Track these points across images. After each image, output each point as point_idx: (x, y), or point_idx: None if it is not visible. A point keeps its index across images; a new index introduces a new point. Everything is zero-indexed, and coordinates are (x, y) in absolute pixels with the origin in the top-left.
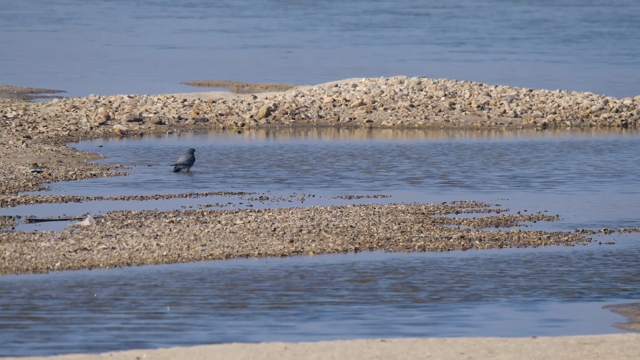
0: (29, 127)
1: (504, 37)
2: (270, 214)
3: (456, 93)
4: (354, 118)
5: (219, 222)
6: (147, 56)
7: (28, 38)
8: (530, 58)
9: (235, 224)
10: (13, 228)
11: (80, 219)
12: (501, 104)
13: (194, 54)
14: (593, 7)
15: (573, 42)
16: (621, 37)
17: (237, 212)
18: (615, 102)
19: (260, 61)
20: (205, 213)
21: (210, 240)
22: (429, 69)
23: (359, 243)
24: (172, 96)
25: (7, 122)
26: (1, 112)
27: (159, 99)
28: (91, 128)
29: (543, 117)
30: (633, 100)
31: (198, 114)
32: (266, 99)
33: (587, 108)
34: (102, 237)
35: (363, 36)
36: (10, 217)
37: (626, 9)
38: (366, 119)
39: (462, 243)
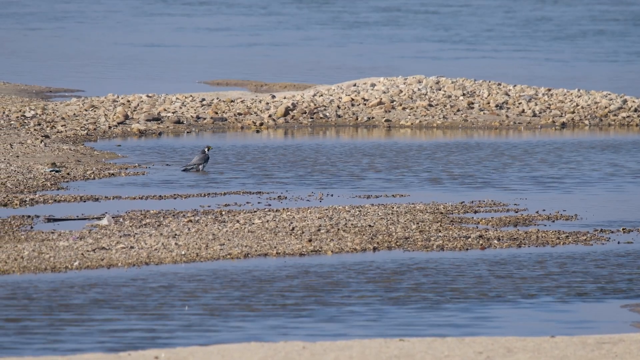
0: (47, 127)
1: (518, 35)
2: (289, 213)
3: (474, 92)
4: (372, 117)
5: (238, 221)
6: (164, 55)
7: (42, 37)
8: (546, 57)
9: (253, 224)
10: (32, 227)
11: (99, 218)
12: (520, 104)
13: (211, 52)
14: (603, 5)
15: (587, 40)
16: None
17: (255, 211)
18: (634, 102)
19: (277, 60)
20: (223, 212)
21: (228, 240)
22: (444, 68)
23: (378, 242)
24: (191, 95)
25: (25, 121)
26: (20, 111)
27: (177, 98)
28: (109, 127)
29: (562, 116)
30: None
31: (216, 113)
32: (285, 98)
33: (605, 107)
34: (120, 237)
35: (374, 35)
36: (29, 216)
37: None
38: (384, 119)
39: (481, 242)
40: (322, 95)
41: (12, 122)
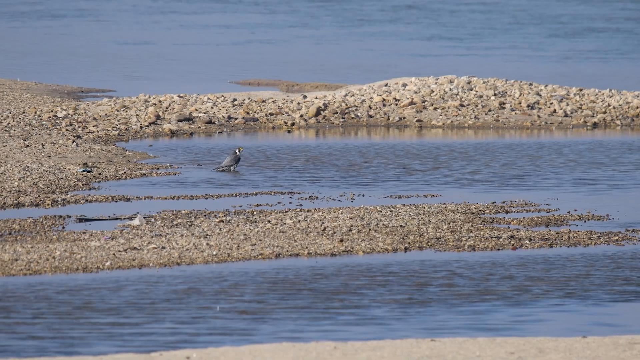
0: (79, 127)
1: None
2: (320, 213)
3: (506, 92)
4: (404, 117)
5: (269, 221)
6: (193, 55)
7: (73, 37)
8: (578, 56)
9: (285, 224)
10: (63, 227)
11: (130, 219)
12: (551, 104)
13: (239, 51)
14: (632, 3)
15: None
16: None
17: (286, 211)
18: None
19: (309, 60)
20: (255, 212)
21: (260, 240)
22: (476, 67)
23: (409, 242)
24: (222, 95)
25: (57, 121)
26: (52, 111)
27: (208, 98)
28: (141, 127)
29: (593, 116)
30: None
31: (248, 113)
32: (316, 98)
33: (637, 107)
34: (152, 237)
35: (398, 33)
36: (61, 216)
37: None
38: (416, 119)
39: (512, 243)
40: (353, 96)
41: (44, 122)
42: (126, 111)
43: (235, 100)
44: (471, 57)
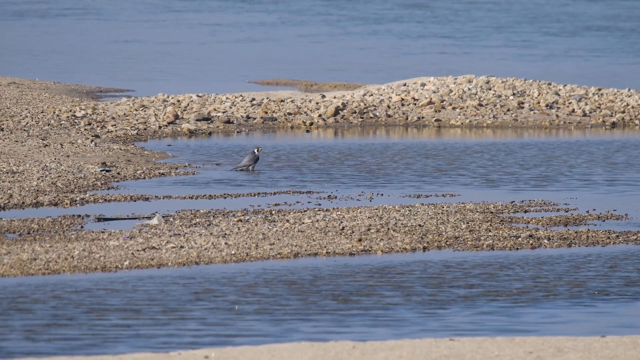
0: (97, 126)
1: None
2: (339, 212)
3: (525, 92)
4: (422, 117)
5: (287, 221)
6: (214, 54)
7: (95, 36)
8: (595, 56)
9: (303, 223)
10: (82, 227)
11: (149, 218)
12: (570, 103)
13: (256, 51)
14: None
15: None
16: None
17: (305, 211)
18: None
19: (327, 59)
20: (273, 212)
21: (278, 239)
22: (494, 66)
23: (428, 242)
24: (241, 95)
25: (76, 121)
26: (70, 111)
27: (227, 98)
28: (160, 127)
29: (612, 116)
30: None
31: (266, 113)
32: (334, 98)
33: None
34: (170, 236)
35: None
36: (79, 216)
37: None
38: (434, 118)
39: (531, 242)
40: (372, 95)
41: (63, 121)
42: (145, 111)
43: (253, 99)
44: (488, 57)
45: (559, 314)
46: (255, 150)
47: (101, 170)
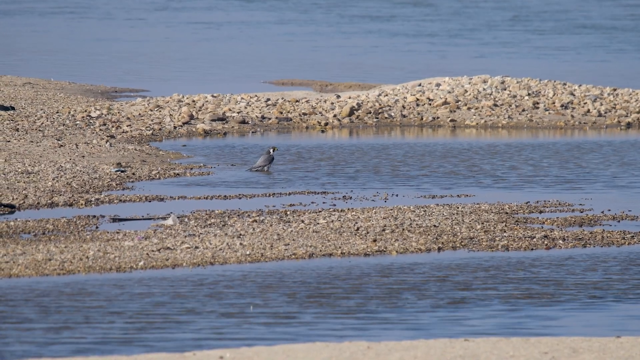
0: (112, 127)
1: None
2: (354, 213)
3: (540, 92)
4: (437, 117)
5: (302, 221)
6: (224, 54)
7: (112, 36)
8: (607, 56)
9: (318, 224)
10: (97, 227)
11: (164, 218)
12: (585, 103)
13: (270, 51)
14: None
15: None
16: None
17: (320, 211)
18: None
19: (342, 60)
20: (288, 212)
21: (293, 240)
22: (509, 66)
23: (442, 242)
24: (256, 95)
25: (91, 121)
26: (85, 111)
27: (242, 98)
28: (175, 127)
29: (627, 116)
30: None
31: (281, 113)
32: (349, 98)
33: None
34: (185, 237)
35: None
36: (94, 216)
37: None
38: (449, 118)
39: (546, 242)
40: (387, 95)
41: (78, 122)
42: (160, 111)
43: (268, 100)
44: (503, 56)
45: (574, 315)
46: (271, 151)
47: (116, 171)
